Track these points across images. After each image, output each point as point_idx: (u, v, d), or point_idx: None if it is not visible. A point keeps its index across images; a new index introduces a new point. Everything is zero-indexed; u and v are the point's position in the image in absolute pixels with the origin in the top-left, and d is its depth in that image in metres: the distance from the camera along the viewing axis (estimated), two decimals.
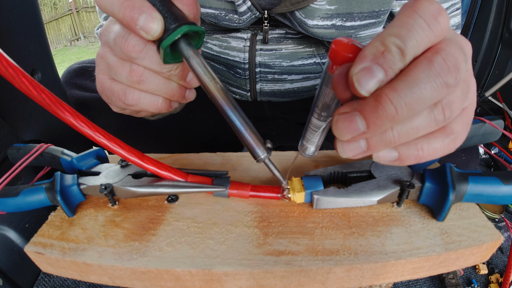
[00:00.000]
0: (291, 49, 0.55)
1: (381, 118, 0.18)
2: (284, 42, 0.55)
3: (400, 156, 0.21)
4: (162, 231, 0.27)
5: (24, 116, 0.43)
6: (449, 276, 0.49)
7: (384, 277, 0.25)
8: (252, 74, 0.58)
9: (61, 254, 0.25)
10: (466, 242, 0.25)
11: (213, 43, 0.58)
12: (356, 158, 0.21)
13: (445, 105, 0.19)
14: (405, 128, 0.19)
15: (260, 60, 0.56)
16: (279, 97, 0.62)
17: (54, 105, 0.23)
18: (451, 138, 0.21)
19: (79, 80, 0.61)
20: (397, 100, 0.17)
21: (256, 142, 0.25)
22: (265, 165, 0.27)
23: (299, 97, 0.63)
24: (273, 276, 0.24)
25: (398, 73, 0.18)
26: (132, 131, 0.57)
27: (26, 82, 0.22)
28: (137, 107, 0.30)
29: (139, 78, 0.28)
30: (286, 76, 0.58)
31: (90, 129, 0.24)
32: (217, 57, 0.59)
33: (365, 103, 0.18)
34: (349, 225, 0.27)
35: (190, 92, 0.33)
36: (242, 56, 0.56)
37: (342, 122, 0.19)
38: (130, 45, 0.26)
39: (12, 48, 0.40)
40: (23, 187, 0.28)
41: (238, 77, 0.59)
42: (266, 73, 0.58)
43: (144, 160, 0.27)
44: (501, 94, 0.98)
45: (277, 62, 0.56)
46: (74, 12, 6.13)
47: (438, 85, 0.17)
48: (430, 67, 0.17)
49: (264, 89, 0.60)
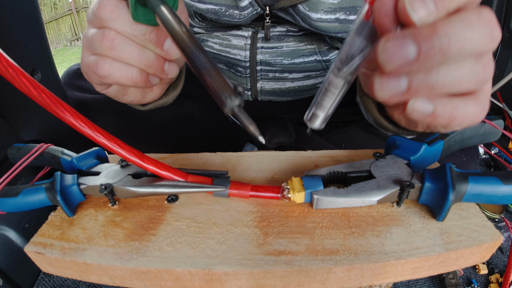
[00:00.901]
0: (292, 46, 0.55)
1: (434, 48, 0.18)
2: (285, 39, 0.55)
3: (434, 111, 0.20)
4: (162, 231, 0.27)
5: (24, 116, 0.43)
6: (449, 276, 0.49)
7: (384, 277, 0.25)
8: (253, 73, 0.58)
9: (61, 254, 0.25)
10: (466, 242, 0.25)
11: (214, 41, 0.58)
12: (391, 101, 0.20)
13: (486, 63, 0.19)
14: (449, 74, 0.19)
15: (261, 58, 0.56)
16: (280, 96, 0.62)
17: (54, 105, 0.23)
18: (480, 107, 0.21)
19: (78, 81, 0.61)
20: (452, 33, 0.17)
21: (223, 86, 0.21)
22: (235, 116, 0.22)
23: (300, 96, 0.63)
24: (273, 276, 0.24)
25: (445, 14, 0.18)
26: (132, 131, 0.57)
27: (26, 82, 0.22)
28: (110, 79, 0.29)
29: (110, 43, 0.27)
30: (287, 74, 0.58)
31: (90, 129, 0.24)
32: (218, 55, 0.59)
33: (418, 30, 0.18)
34: (349, 225, 0.27)
35: (170, 65, 0.31)
36: (243, 54, 0.56)
37: (392, 44, 0.18)
38: (102, 6, 0.26)
39: (12, 48, 0.40)
40: (23, 187, 0.28)
41: (239, 75, 0.59)
42: (267, 71, 0.58)
43: (144, 160, 0.27)
44: (501, 94, 0.98)
45: (278, 60, 0.56)
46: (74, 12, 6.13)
47: (486, 34, 0.18)
48: (479, 16, 0.18)
49: (265, 87, 0.60)
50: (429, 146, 0.29)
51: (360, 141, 0.56)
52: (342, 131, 0.59)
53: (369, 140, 0.55)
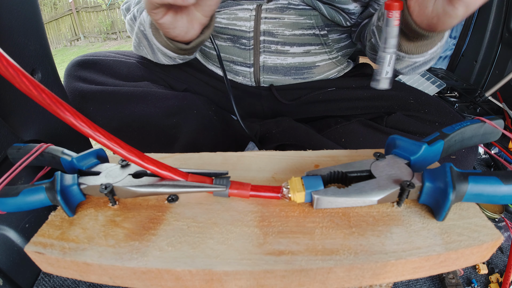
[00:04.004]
0: (293, 19, 0.61)
1: None
2: (287, 11, 0.60)
3: None
4: (162, 230, 0.27)
5: (24, 116, 0.43)
6: (449, 276, 0.49)
7: (384, 277, 0.25)
8: (256, 44, 0.63)
9: (61, 254, 0.25)
10: (466, 242, 0.25)
11: (222, 17, 0.63)
12: None
13: None
14: None
15: (264, 28, 0.61)
16: (281, 75, 0.66)
17: (54, 105, 0.23)
18: None
19: (83, 72, 0.61)
20: None
21: None
22: None
23: (299, 75, 0.66)
24: (273, 276, 0.24)
25: None
26: (133, 130, 0.57)
27: (26, 82, 0.22)
28: None
29: None
30: (288, 47, 0.63)
31: (90, 129, 0.24)
32: (225, 29, 0.63)
33: None
34: (349, 225, 0.27)
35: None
36: (248, 25, 0.61)
37: None
38: None
39: (12, 48, 0.40)
40: (23, 187, 0.28)
41: (243, 48, 0.64)
42: (269, 43, 0.62)
43: (144, 159, 0.27)
44: (501, 94, 0.98)
45: (280, 30, 0.61)
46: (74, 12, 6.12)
47: None
48: None
49: (267, 62, 0.64)
50: (429, 146, 0.29)
51: (360, 136, 0.55)
52: (342, 126, 0.59)
53: (369, 135, 0.55)
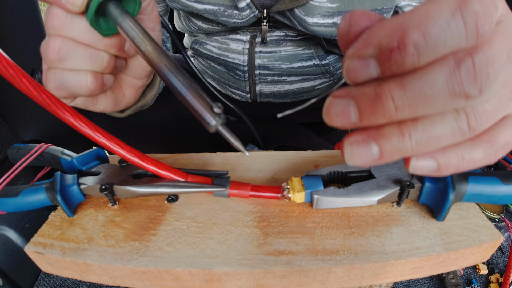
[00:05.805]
0: (291, 51, 0.55)
1: (377, 115, 0.15)
2: (283, 44, 0.55)
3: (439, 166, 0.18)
4: (162, 231, 0.27)
5: (24, 116, 0.43)
6: (449, 276, 0.49)
7: (384, 277, 0.25)
8: (251, 76, 0.58)
9: (61, 254, 0.25)
10: (466, 242, 0.25)
11: (213, 45, 0.58)
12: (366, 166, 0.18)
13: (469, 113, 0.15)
14: (424, 136, 0.16)
15: (259, 62, 0.56)
16: (279, 98, 0.62)
17: (54, 105, 0.23)
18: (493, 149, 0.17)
19: None
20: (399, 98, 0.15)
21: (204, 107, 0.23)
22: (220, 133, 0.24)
23: (298, 98, 0.63)
24: (273, 276, 0.24)
25: None
26: (133, 131, 0.57)
27: (26, 82, 0.22)
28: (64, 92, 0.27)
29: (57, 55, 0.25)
30: (285, 77, 0.58)
31: (90, 129, 0.24)
32: (217, 58, 0.59)
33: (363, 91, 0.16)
34: (349, 225, 0.27)
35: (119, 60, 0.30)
36: (242, 59, 0.56)
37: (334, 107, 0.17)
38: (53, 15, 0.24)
39: (12, 48, 0.40)
40: (23, 187, 0.28)
41: (238, 79, 0.59)
42: (265, 75, 0.58)
43: (144, 160, 0.27)
44: None
45: (277, 64, 0.56)
46: None
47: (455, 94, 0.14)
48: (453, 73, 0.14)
49: (264, 90, 0.61)
50: None
51: None
52: (342, 131, 0.59)
53: None
